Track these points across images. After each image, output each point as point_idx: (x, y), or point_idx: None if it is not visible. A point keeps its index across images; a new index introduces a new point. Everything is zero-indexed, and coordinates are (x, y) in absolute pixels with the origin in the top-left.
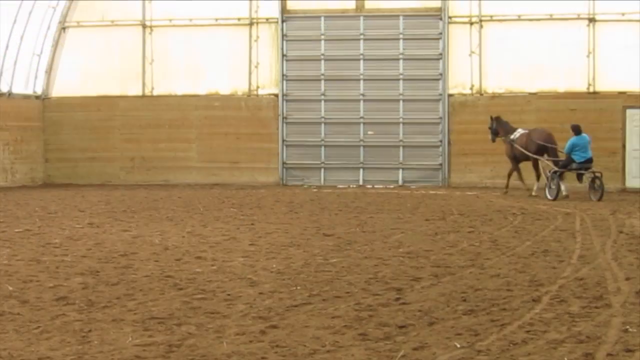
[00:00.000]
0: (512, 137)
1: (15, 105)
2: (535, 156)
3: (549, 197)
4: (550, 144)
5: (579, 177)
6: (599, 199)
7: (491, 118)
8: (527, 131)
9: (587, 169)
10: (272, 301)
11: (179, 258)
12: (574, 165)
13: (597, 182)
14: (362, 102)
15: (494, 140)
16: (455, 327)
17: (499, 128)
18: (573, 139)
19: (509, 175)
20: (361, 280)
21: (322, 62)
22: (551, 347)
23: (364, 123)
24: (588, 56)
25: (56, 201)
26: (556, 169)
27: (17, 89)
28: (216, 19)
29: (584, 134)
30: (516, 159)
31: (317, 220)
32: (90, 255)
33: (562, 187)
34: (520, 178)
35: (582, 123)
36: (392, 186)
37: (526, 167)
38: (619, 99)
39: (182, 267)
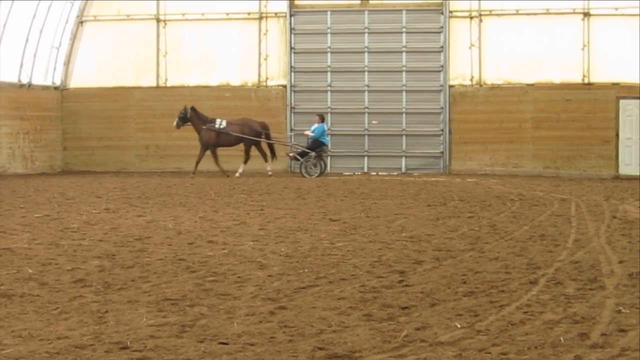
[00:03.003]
0: (217, 125)
1: (34, 95)
2: (257, 139)
3: (308, 176)
4: (266, 131)
5: (303, 155)
6: (319, 175)
7: (185, 107)
8: (229, 120)
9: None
10: (281, 283)
11: (191, 242)
12: (323, 147)
13: (323, 162)
14: (366, 93)
15: (178, 127)
16: (456, 308)
17: (196, 118)
18: (322, 125)
19: (216, 162)
20: (366, 263)
21: (329, 54)
22: (548, 327)
23: (369, 113)
24: (583, 49)
25: (74, 187)
26: (308, 151)
27: (37, 80)
28: (227, 14)
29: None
30: (219, 145)
31: (323, 206)
32: (107, 239)
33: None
34: (198, 162)
35: (577, 113)
36: (395, 173)
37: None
38: (612, 89)
39: (195, 251)
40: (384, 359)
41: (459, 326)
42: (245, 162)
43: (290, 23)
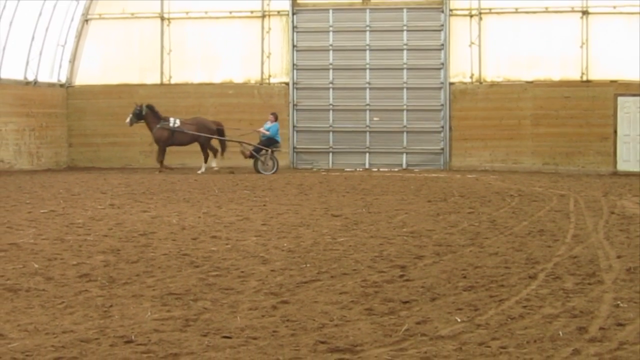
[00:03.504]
0: (172, 124)
1: (40, 93)
2: (216, 137)
3: (265, 172)
4: (220, 129)
5: (258, 152)
6: (274, 172)
7: (141, 104)
8: (183, 119)
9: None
10: (283, 278)
11: (195, 237)
12: (277, 145)
13: (276, 159)
14: (368, 90)
15: (131, 124)
16: (456, 303)
17: (151, 116)
18: (276, 124)
19: (161, 159)
20: (367, 258)
21: (331, 52)
22: (547, 322)
23: (370, 110)
24: (581, 47)
25: (79, 183)
26: (263, 148)
27: (43, 78)
28: (230, 12)
29: None
30: (173, 143)
31: (325, 202)
32: (112, 234)
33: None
34: (161, 160)
35: (576, 110)
36: (396, 169)
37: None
38: (610, 87)
39: (198, 246)
40: (385, 352)
41: (459, 320)
42: (206, 160)
43: (293, 21)
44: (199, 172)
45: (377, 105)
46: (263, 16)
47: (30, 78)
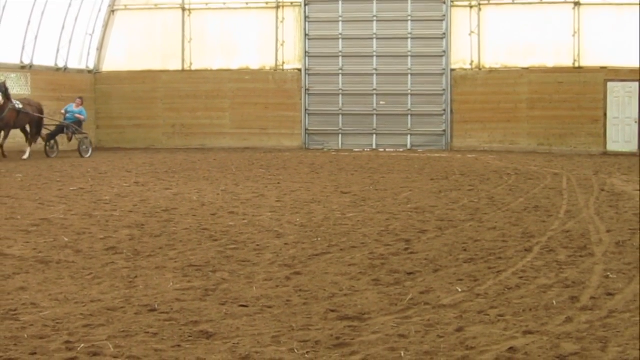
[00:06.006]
0: (17, 106)
1: (70, 78)
2: (43, 116)
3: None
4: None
5: (75, 133)
6: (90, 156)
7: (4, 81)
8: (21, 101)
9: None
10: (296, 251)
11: (214, 213)
12: (81, 129)
13: (87, 141)
14: (375, 76)
15: (3, 102)
16: (457, 274)
17: (8, 95)
18: (82, 107)
19: (3, 142)
20: (374, 232)
21: (340, 40)
22: (541, 291)
23: (377, 94)
24: (574, 35)
25: (106, 163)
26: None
27: (72, 65)
28: (247, 3)
29: None
30: (15, 126)
31: (335, 180)
32: (136, 210)
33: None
34: (3, 141)
35: (569, 94)
36: (401, 150)
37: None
38: (601, 73)
39: (217, 221)
40: (391, 320)
41: (460, 290)
42: (36, 141)
43: (305, 12)
44: (24, 157)
45: (384, 90)
46: (277, 7)
47: (61, 65)
